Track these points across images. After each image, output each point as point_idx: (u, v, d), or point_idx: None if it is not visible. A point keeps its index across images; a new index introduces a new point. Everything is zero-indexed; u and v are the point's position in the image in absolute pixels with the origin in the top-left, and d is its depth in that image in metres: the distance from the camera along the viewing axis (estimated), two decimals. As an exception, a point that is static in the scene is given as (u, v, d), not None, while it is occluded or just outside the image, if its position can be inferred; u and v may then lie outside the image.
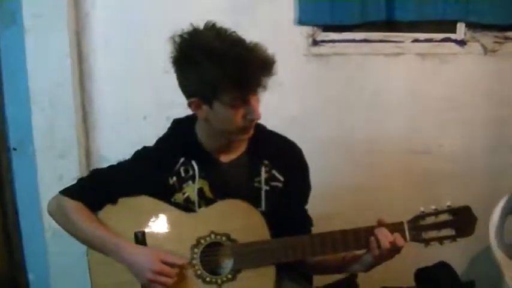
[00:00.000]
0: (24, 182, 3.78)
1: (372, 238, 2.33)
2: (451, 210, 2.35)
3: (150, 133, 2.98)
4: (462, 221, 2.34)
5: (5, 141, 3.73)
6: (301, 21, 3.83)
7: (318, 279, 2.84)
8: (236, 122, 2.34)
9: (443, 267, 3.64)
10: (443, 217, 2.35)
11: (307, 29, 3.88)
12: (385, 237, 2.31)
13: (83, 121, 3.63)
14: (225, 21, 2.35)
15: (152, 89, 3.67)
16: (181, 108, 2.67)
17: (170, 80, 2.49)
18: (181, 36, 2.34)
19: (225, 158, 2.54)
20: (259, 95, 2.34)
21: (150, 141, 2.66)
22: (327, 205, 3.47)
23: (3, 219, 3.85)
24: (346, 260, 2.51)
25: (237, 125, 2.35)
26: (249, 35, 2.31)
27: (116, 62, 3.63)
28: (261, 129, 2.54)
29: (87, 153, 3.67)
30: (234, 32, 2.32)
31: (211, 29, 2.32)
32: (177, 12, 3.49)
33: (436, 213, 2.35)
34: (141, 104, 3.69)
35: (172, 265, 2.36)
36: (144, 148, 2.65)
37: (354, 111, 4.03)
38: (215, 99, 2.29)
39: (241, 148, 2.56)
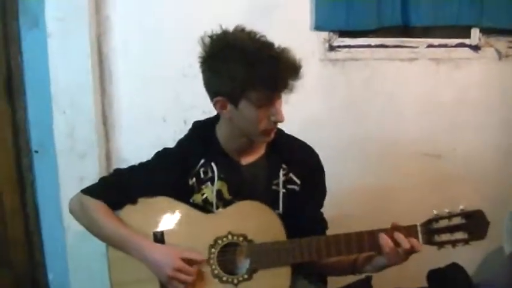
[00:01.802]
0: (45, 183, 3.80)
1: (388, 241, 2.34)
2: (464, 214, 2.36)
3: (169, 135, 3.05)
4: (475, 224, 2.34)
5: (27, 143, 3.77)
6: (317, 27, 3.85)
7: (333, 281, 2.87)
8: (260, 123, 2.38)
9: (455, 268, 3.65)
10: (456, 220, 2.36)
11: (323, 34, 3.90)
12: (404, 243, 2.33)
13: (103, 123, 3.65)
14: (242, 25, 2.40)
15: (171, 92, 3.68)
16: (199, 111, 2.74)
17: (189, 83, 2.56)
18: (211, 36, 2.38)
19: (244, 161, 2.58)
20: (282, 99, 2.39)
21: (169, 143, 2.71)
22: (342, 207, 3.49)
23: (24, 220, 3.88)
24: (359, 262, 2.53)
25: (261, 126, 2.39)
26: (272, 42, 2.36)
27: (136, 65, 3.65)
28: (279, 133, 2.57)
29: (107, 155, 3.69)
30: (264, 35, 2.37)
31: (242, 31, 2.38)
32: (196, 16, 3.54)
33: (449, 216, 2.36)
34: (160, 106, 3.70)
35: (191, 263, 2.40)
36: (165, 149, 2.68)
37: (369, 116, 4.04)
38: (243, 98, 2.33)
39: (260, 151, 2.60)
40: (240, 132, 2.47)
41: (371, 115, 4.06)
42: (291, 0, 3.83)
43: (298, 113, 3.55)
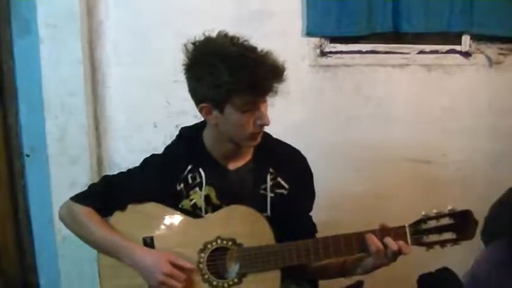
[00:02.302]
0: (36, 188, 3.80)
1: (376, 242, 2.35)
2: (452, 214, 2.37)
3: (160, 140, 3.06)
4: (463, 224, 2.36)
5: (18, 147, 3.77)
6: (309, 33, 3.88)
7: (324, 286, 2.88)
8: (246, 128, 2.39)
9: (446, 272, 3.65)
10: (445, 221, 2.37)
11: (314, 40, 3.92)
12: (392, 244, 2.34)
13: (95, 128, 3.66)
14: (234, 31, 2.41)
15: (163, 98, 3.70)
16: (190, 116, 2.75)
17: (180, 88, 2.55)
18: (194, 43, 2.39)
19: (231, 166, 2.58)
20: (268, 102, 2.40)
21: (160, 148, 2.71)
22: (330, 213, 3.49)
23: (15, 224, 3.89)
24: (348, 264, 2.53)
25: (247, 131, 2.40)
26: (258, 45, 2.37)
27: (128, 71, 3.66)
28: (267, 138, 2.57)
29: (99, 160, 3.69)
30: (246, 40, 2.38)
31: (225, 36, 2.38)
32: (188, 23, 3.55)
33: (438, 217, 2.37)
34: (152, 112, 3.72)
35: (181, 268, 2.40)
36: (153, 156, 2.69)
37: (359, 121, 4.06)
38: (227, 103, 2.33)
39: (248, 156, 2.60)
40: (227, 137, 2.48)
41: (361, 121, 4.07)
42: (283, 6, 3.84)
43: (288, 118, 3.58)
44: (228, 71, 2.26)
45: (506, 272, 2.57)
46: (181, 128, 2.72)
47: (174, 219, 2.52)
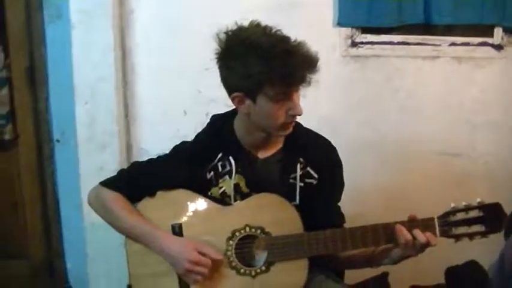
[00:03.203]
0: (65, 173, 3.85)
1: (405, 232, 2.32)
2: (481, 207, 2.34)
3: (190, 128, 3.04)
4: (492, 217, 2.32)
5: (49, 132, 3.82)
6: (340, 23, 3.87)
7: (350, 276, 2.86)
8: (278, 117, 2.38)
9: (473, 265, 3.64)
10: (474, 213, 2.33)
11: (345, 31, 3.91)
12: (420, 236, 2.31)
13: (124, 115, 3.68)
14: (264, 21, 2.39)
15: (193, 85, 3.71)
16: (220, 104, 2.74)
17: (210, 76, 2.54)
18: (227, 33, 2.38)
19: (261, 154, 2.58)
20: (300, 92, 2.39)
21: (189, 136, 2.71)
22: (357, 206, 3.46)
23: (43, 209, 3.93)
24: (376, 254, 2.50)
25: (279, 121, 2.39)
26: (288, 35, 2.36)
27: (158, 58, 3.68)
28: (297, 127, 2.56)
29: (128, 146, 3.72)
30: (279, 30, 2.36)
31: (257, 26, 2.37)
32: (218, 11, 3.57)
33: (467, 209, 2.34)
34: (182, 99, 3.73)
35: (208, 256, 2.40)
36: (183, 143, 2.69)
37: (388, 113, 4.05)
38: (260, 93, 2.33)
39: (278, 145, 2.59)
40: (258, 126, 2.47)
41: (390, 112, 4.06)
42: (314, -4, 3.82)
43: (318, 108, 3.57)
44: (260, 61, 2.26)
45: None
46: (212, 116, 2.72)
47: (203, 206, 2.53)
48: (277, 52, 2.26)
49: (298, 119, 2.47)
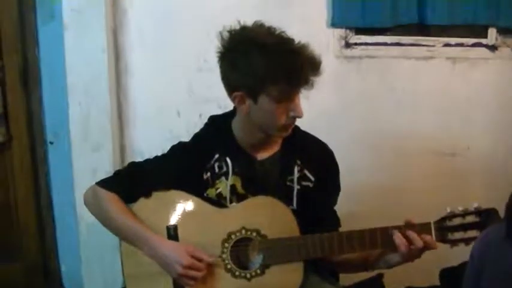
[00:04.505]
0: (59, 174, 3.83)
1: (401, 238, 2.32)
2: (478, 212, 2.34)
3: (183, 128, 3.05)
4: (489, 222, 2.32)
5: (42, 134, 3.80)
6: (333, 23, 3.85)
7: (345, 277, 2.87)
8: (279, 118, 2.38)
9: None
10: (470, 218, 2.34)
11: (339, 31, 3.90)
12: (417, 241, 2.31)
13: (118, 116, 3.66)
14: (261, 21, 2.40)
15: (186, 86, 3.68)
16: (214, 105, 2.73)
17: (204, 77, 2.55)
18: (230, 31, 2.38)
19: (259, 156, 2.57)
20: (301, 94, 2.39)
21: (183, 137, 2.72)
22: (353, 204, 3.48)
23: (37, 210, 3.91)
24: (372, 258, 2.51)
25: (280, 122, 2.40)
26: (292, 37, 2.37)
27: (151, 59, 3.66)
28: (295, 130, 2.56)
29: (121, 147, 3.70)
30: (284, 31, 2.37)
31: (261, 26, 2.38)
32: (211, 11, 3.54)
33: (463, 214, 2.34)
34: (175, 100, 3.70)
35: (201, 259, 2.39)
36: (180, 143, 2.68)
37: (382, 113, 4.04)
38: (262, 92, 2.33)
39: (275, 147, 2.59)
40: (258, 127, 2.47)
41: (385, 113, 4.05)
42: (308, -4, 3.82)
43: (312, 109, 3.55)
44: (265, 60, 2.27)
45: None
46: (210, 116, 2.72)
47: (199, 208, 2.52)
48: (283, 52, 2.28)
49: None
